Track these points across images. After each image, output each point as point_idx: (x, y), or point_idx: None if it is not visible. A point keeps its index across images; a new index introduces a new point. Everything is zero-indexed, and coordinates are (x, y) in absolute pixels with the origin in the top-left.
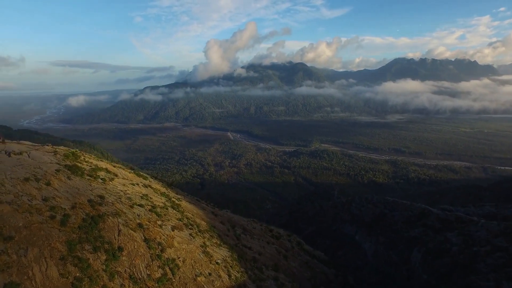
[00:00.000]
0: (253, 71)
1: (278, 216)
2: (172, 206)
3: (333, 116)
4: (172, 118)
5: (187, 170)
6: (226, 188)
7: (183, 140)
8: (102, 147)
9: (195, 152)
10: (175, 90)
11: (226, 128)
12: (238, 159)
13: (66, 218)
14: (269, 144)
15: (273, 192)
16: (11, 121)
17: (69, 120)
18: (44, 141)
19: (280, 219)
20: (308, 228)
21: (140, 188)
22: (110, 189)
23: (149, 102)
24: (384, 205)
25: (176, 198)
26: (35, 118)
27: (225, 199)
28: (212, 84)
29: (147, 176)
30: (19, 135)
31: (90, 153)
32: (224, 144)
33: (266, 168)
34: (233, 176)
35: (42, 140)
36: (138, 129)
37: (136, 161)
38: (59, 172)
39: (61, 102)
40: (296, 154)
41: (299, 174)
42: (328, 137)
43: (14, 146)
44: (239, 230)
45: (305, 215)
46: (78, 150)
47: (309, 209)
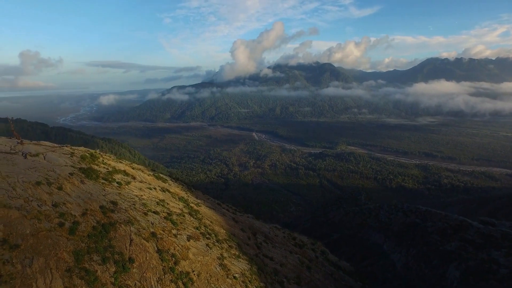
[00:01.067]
0: (279, 72)
1: (302, 219)
2: (190, 212)
3: (361, 118)
4: (198, 118)
5: (212, 170)
6: (249, 189)
7: (208, 140)
8: (130, 144)
9: (220, 151)
10: (202, 90)
11: (251, 128)
12: (262, 160)
13: (75, 225)
14: (294, 145)
15: (297, 194)
16: (49, 118)
17: (100, 118)
18: (76, 138)
19: (304, 223)
20: (333, 234)
21: (157, 192)
22: (125, 194)
23: (176, 102)
24: (415, 214)
25: (195, 203)
26: (70, 116)
27: (249, 200)
28: (238, 84)
29: (167, 179)
30: (54, 132)
31: (118, 150)
32: (249, 144)
33: (291, 170)
34: (257, 177)
35: (75, 137)
36: (165, 128)
37: (162, 159)
38: (73, 175)
39: (93, 101)
40: (321, 156)
41: (324, 177)
42: (355, 139)
43: (31, 147)
44: (260, 237)
45: (330, 221)
46: (99, 150)
47: (334, 214)
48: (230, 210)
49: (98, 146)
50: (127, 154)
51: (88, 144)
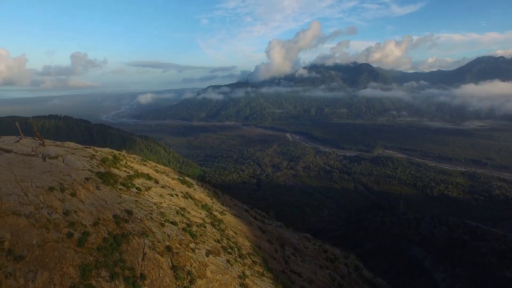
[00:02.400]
0: (315, 72)
1: (335, 225)
2: (212, 222)
3: (400, 121)
4: (233, 117)
5: (244, 170)
6: (282, 191)
7: (242, 139)
8: (165, 142)
9: (253, 151)
10: (236, 89)
11: (286, 129)
12: (296, 161)
13: (85, 237)
14: (329, 147)
15: (330, 198)
16: (93, 115)
17: (139, 116)
18: (116, 135)
19: (336, 229)
20: (367, 244)
21: (179, 199)
22: (142, 202)
23: (211, 101)
24: (463, 230)
25: (220, 210)
26: (112, 114)
27: (280, 202)
28: (273, 85)
29: (192, 183)
30: (96, 129)
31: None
32: (282, 145)
33: (325, 172)
34: (290, 178)
35: (114, 135)
36: (200, 127)
37: (196, 157)
38: (89, 180)
39: (133, 99)
40: (357, 160)
41: (359, 181)
42: (393, 143)
43: (52, 149)
44: (288, 250)
45: (364, 229)
46: (125, 151)
47: (369, 222)
48: (258, 218)
49: (136, 143)
50: (162, 151)
51: (126, 141)
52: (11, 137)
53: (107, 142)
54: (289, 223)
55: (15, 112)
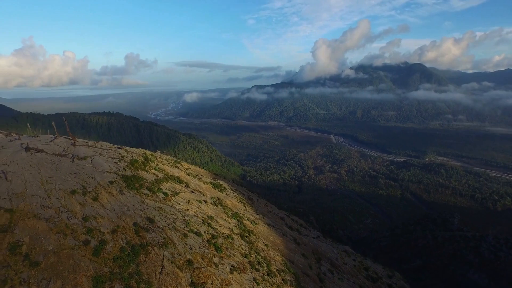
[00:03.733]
0: (363, 72)
1: (379, 235)
2: (241, 233)
3: (456, 125)
4: (276, 117)
5: (286, 171)
6: (323, 195)
7: (285, 140)
8: (209, 140)
9: (295, 153)
10: (280, 90)
11: (330, 131)
12: (339, 165)
13: (102, 245)
14: (375, 151)
15: (375, 205)
16: (142, 113)
17: (185, 114)
18: (161, 132)
19: (380, 240)
20: (415, 260)
21: (208, 206)
22: (166, 209)
23: (255, 101)
24: None
25: (252, 219)
26: (160, 111)
27: (321, 207)
28: (318, 85)
29: (226, 187)
30: (143, 126)
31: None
32: (326, 147)
33: (370, 178)
34: (332, 182)
35: (159, 132)
36: (243, 126)
37: (238, 156)
38: (113, 184)
39: (179, 98)
40: (405, 166)
41: (407, 189)
42: (448, 149)
43: (82, 150)
44: (325, 265)
45: (412, 243)
46: (159, 151)
47: (418, 236)
48: (294, 227)
49: (180, 140)
50: (205, 150)
51: (171, 138)
52: (47, 136)
53: (153, 138)
54: (329, 229)
55: (76, 109)
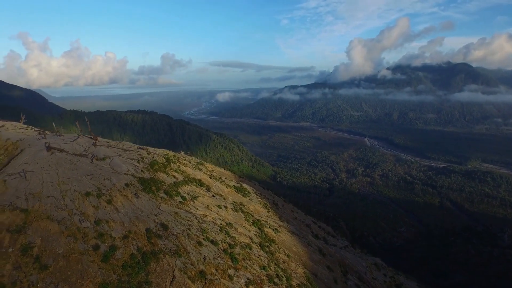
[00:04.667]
0: (400, 73)
1: (414, 245)
2: (261, 243)
3: (507, 130)
4: (308, 118)
5: (317, 173)
6: (355, 199)
7: (316, 142)
8: (240, 140)
9: (327, 155)
10: (313, 90)
11: (363, 133)
12: (373, 168)
13: (111, 251)
14: (412, 155)
15: (410, 212)
16: (176, 111)
17: (218, 113)
18: (193, 131)
19: (416, 250)
20: (454, 275)
21: (227, 212)
22: (182, 215)
23: (287, 101)
24: None
25: (275, 227)
26: (193, 110)
27: (352, 212)
28: (352, 86)
29: (250, 191)
30: (176, 124)
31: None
32: (359, 150)
33: (405, 183)
34: (365, 186)
35: (191, 130)
36: (275, 126)
37: (269, 157)
38: (128, 187)
39: (212, 97)
40: (445, 172)
41: (447, 197)
42: (495, 155)
43: (102, 150)
44: (352, 280)
45: (451, 256)
46: (183, 152)
47: (459, 249)
48: (320, 235)
49: (211, 139)
50: (236, 149)
51: (202, 137)
52: (71, 135)
53: (185, 137)
54: (359, 236)
55: (114, 107)
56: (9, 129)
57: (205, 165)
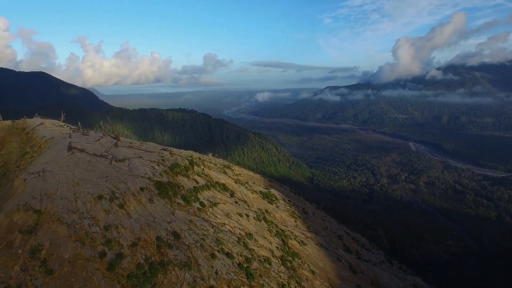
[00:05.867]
0: (453, 73)
1: (465, 261)
2: (283, 257)
3: None
4: (350, 120)
5: (357, 177)
6: (396, 206)
7: (357, 144)
8: (278, 141)
9: (368, 158)
10: (355, 91)
11: (408, 137)
12: (417, 175)
13: (118, 259)
14: (463, 163)
15: (459, 224)
16: (216, 110)
17: (257, 113)
18: (231, 130)
19: (464, 267)
20: None
21: (249, 221)
22: (198, 223)
23: (328, 102)
24: None
25: (301, 238)
26: (233, 110)
27: (393, 220)
28: (397, 87)
29: (277, 198)
30: (214, 123)
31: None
32: (403, 154)
33: (454, 193)
34: (408, 194)
35: (230, 129)
36: (314, 127)
37: (307, 158)
38: (143, 191)
39: (252, 97)
40: (504, 182)
41: (507, 211)
42: None
43: (122, 151)
44: None
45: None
46: (211, 154)
47: None
48: (353, 248)
49: (249, 139)
50: (273, 150)
51: (240, 137)
52: (96, 134)
53: (223, 136)
54: (399, 246)
55: (157, 105)
56: (47, 126)
57: (232, 168)
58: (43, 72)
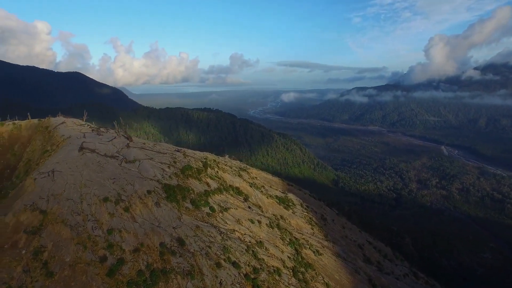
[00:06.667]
0: (492, 73)
1: (503, 275)
2: (295, 268)
3: None
4: (377, 122)
5: (383, 181)
6: (426, 213)
7: (385, 147)
8: (303, 142)
9: (396, 162)
10: (384, 92)
11: (440, 141)
12: (450, 181)
13: (119, 265)
14: (503, 169)
15: (496, 236)
16: (241, 110)
17: (283, 113)
18: (256, 130)
19: (504, 283)
20: None
21: (261, 228)
22: (205, 229)
23: (355, 103)
24: None
25: (317, 247)
26: (258, 110)
27: (421, 227)
28: (429, 88)
29: (294, 204)
30: (239, 123)
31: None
32: (434, 158)
33: (492, 201)
34: (439, 200)
35: (254, 130)
36: (341, 129)
37: (332, 160)
38: (150, 194)
39: (277, 97)
40: None
41: None
42: None
43: (133, 152)
44: None
45: None
46: (227, 156)
47: None
48: (374, 259)
49: (273, 140)
50: (298, 151)
51: (264, 137)
52: (110, 134)
53: (247, 136)
54: (428, 256)
55: (184, 104)
56: (68, 126)
57: (248, 171)
58: (78, 72)
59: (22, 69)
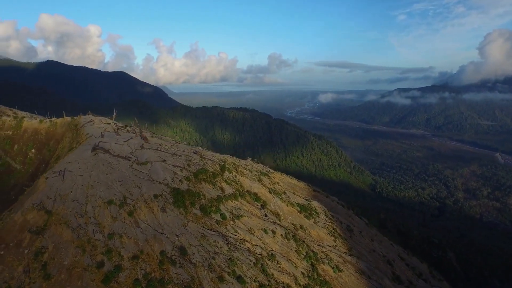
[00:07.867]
0: None
1: None
2: (307, 286)
3: None
4: (421, 125)
5: (425, 188)
6: (474, 226)
7: (429, 152)
8: (340, 144)
9: (441, 168)
10: (429, 94)
11: (494, 147)
12: (505, 192)
13: (115, 272)
14: None
15: None
16: (278, 110)
17: (320, 114)
18: (291, 131)
19: None
20: None
21: (275, 239)
22: (211, 238)
23: (397, 105)
24: None
25: (337, 262)
26: (296, 110)
27: (467, 242)
28: (482, 89)
29: (317, 212)
30: (274, 124)
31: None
32: (486, 166)
33: None
34: (491, 212)
35: (289, 130)
36: (380, 131)
37: (370, 164)
38: (157, 198)
39: (314, 98)
40: None
41: None
42: None
43: (147, 153)
44: None
45: None
46: (250, 158)
47: None
48: (405, 278)
49: (309, 141)
50: (334, 153)
51: (300, 138)
52: (127, 134)
53: (282, 136)
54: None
55: (221, 104)
56: (95, 124)
57: (270, 176)
58: (123, 72)
59: (75, 69)
